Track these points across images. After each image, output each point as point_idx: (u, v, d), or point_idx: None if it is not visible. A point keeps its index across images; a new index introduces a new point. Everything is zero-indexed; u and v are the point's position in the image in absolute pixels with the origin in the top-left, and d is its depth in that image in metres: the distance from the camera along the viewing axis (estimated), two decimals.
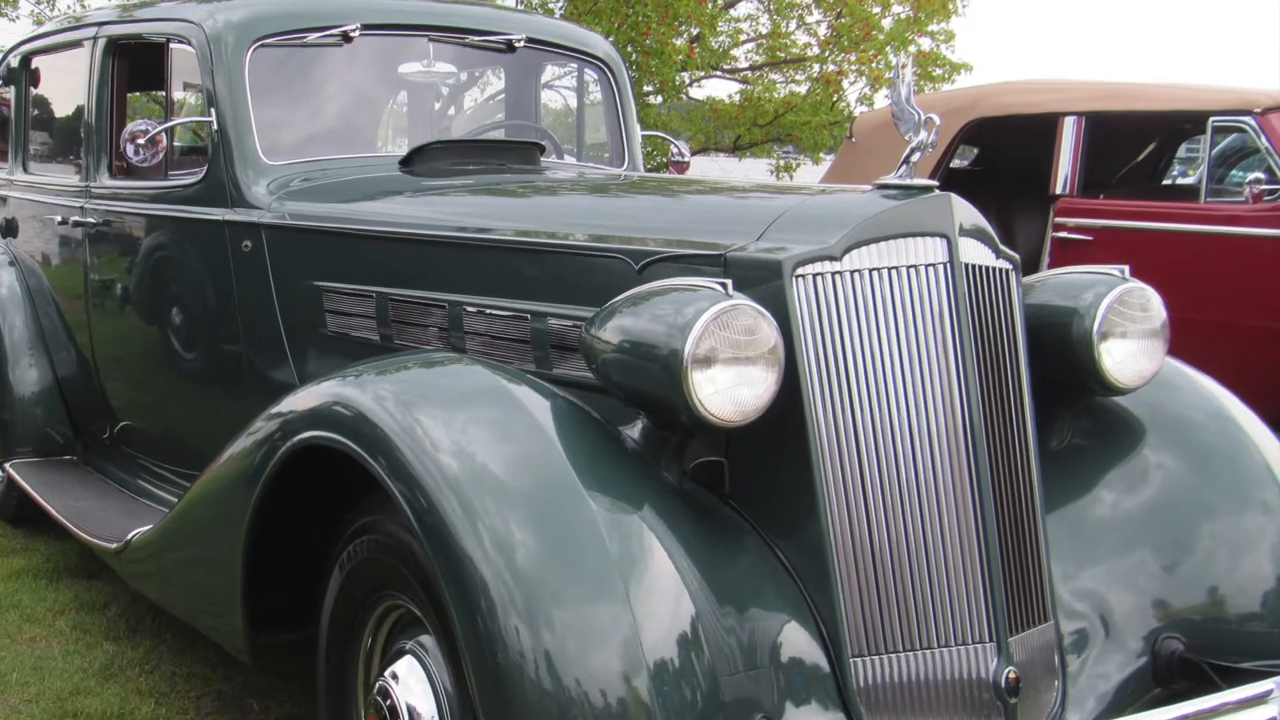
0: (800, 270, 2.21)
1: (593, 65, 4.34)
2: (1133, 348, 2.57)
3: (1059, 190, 6.39)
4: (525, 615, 1.90)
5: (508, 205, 3.25)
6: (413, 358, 2.62)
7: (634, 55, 11.47)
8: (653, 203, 3.18)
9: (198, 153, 4.23)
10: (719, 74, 14.09)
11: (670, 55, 11.54)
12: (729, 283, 2.16)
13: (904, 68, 2.41)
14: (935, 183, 2.33)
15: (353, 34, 3.65)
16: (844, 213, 2.30)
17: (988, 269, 2.35)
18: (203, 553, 2.86)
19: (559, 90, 4.97)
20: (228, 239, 3.53)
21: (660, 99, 12.59)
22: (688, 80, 13.33)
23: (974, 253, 2.32)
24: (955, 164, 7.54)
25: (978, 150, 8.09)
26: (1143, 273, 2.62)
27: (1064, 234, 6.32)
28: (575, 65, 4.43)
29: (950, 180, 6.47)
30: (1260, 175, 5.75)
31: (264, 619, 2.64)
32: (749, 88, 13.71)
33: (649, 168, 5.44)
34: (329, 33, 3.64)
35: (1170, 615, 2.44)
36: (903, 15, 12.85)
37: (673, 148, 4.86)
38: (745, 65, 14.27)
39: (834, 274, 2.23)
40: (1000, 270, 2.38)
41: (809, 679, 2.10)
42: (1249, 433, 2.67)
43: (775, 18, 13.51)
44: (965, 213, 2.33)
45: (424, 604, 2.19)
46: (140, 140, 3.50)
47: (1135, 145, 7.40)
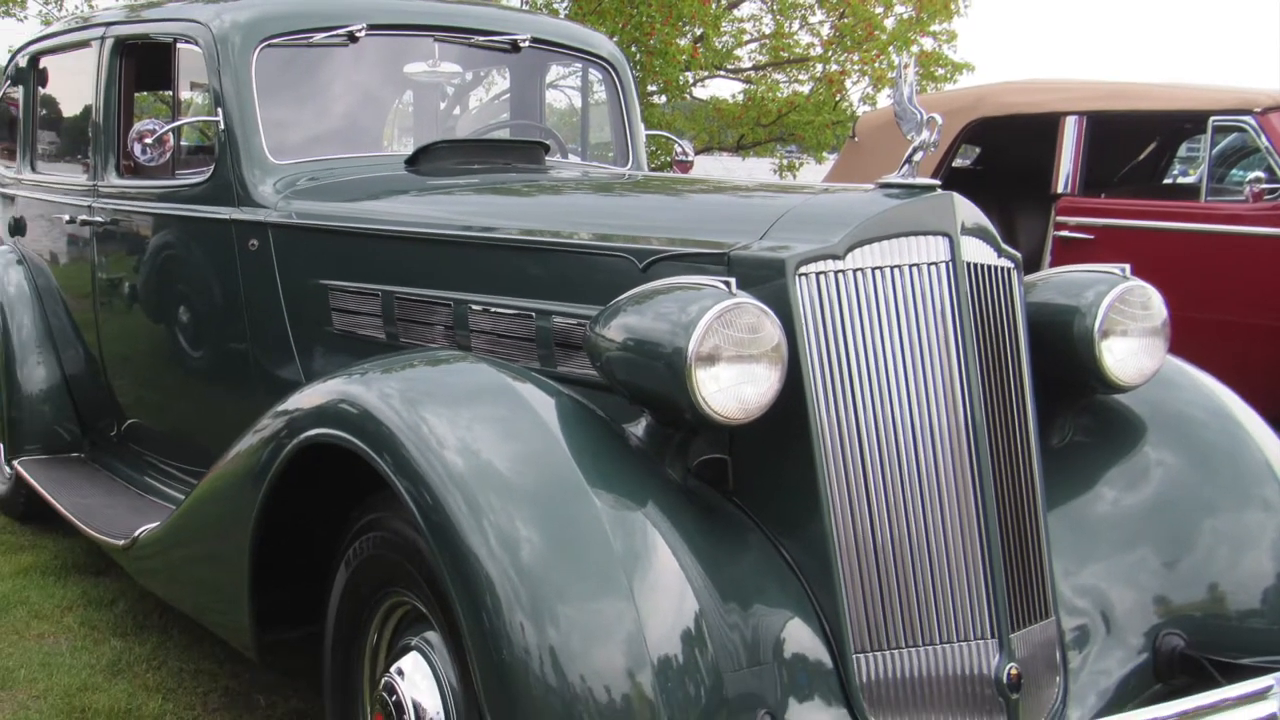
0: (803, 269, 2.22)
1: (597, 65, 4.35)
2: (1133, 346, 2.58)
3: (1060, 189, 6.39)
4: (530, 611, 1.91)
5: (513, 204, 3.25)
6: (418, 356, 2.63)
7: (638, 55, 11.47)
8: (657, 202, 3.19)
9: (205, 152, 4.26)
10: (723, 74, 14.08)
11: (674, 55, 11.54)
12: (732, 281, 2.17)
13: (906, 68, 2.42)
14: (937, 182, 2.33)
15: (359, 34, 3.66)
16: (847, 212, 2.31)
17: (990, 268, 2.35)
18: (210, 549, 2.88)
19: (564, 90, 4.98)
20: (234, 238, 3.55)
21: (664, 99, 12.59)
22: (691, 80, 13.32)
23: (976, 251, 2.33)
24: (957, 163, 7.54)
25: (980, 150, 8.09)
26: (1143, 271, 2.63)
27: (1065, 233, 6.33)
28: (580, 65, 4.43)
29: (952, 179, 6.48)
30: (1260, 174, 5.76)
31: (270, 615, 2.64)
32: (752, 87, 13.70)
33: (653, 167, 5.45)
34: (335, 33, 3.65)
35: (1171, 611, 2.45)
36: (905, 15, 12.84)
37: (677, 147, 4.87)
38: (749, 65, 14.27)
39: (837, 272, 2.23)
40: (1002, 269, 2.39)
41: (812, 675, 2.11)
42: (1249, 430, 2.67)
43: (778, 18, 13.51)
44: (967, 212, 2.34)
45: (429, 600, 2.20)
46: (148, 140, 3.52)
47: (1136, 145, 7.40)
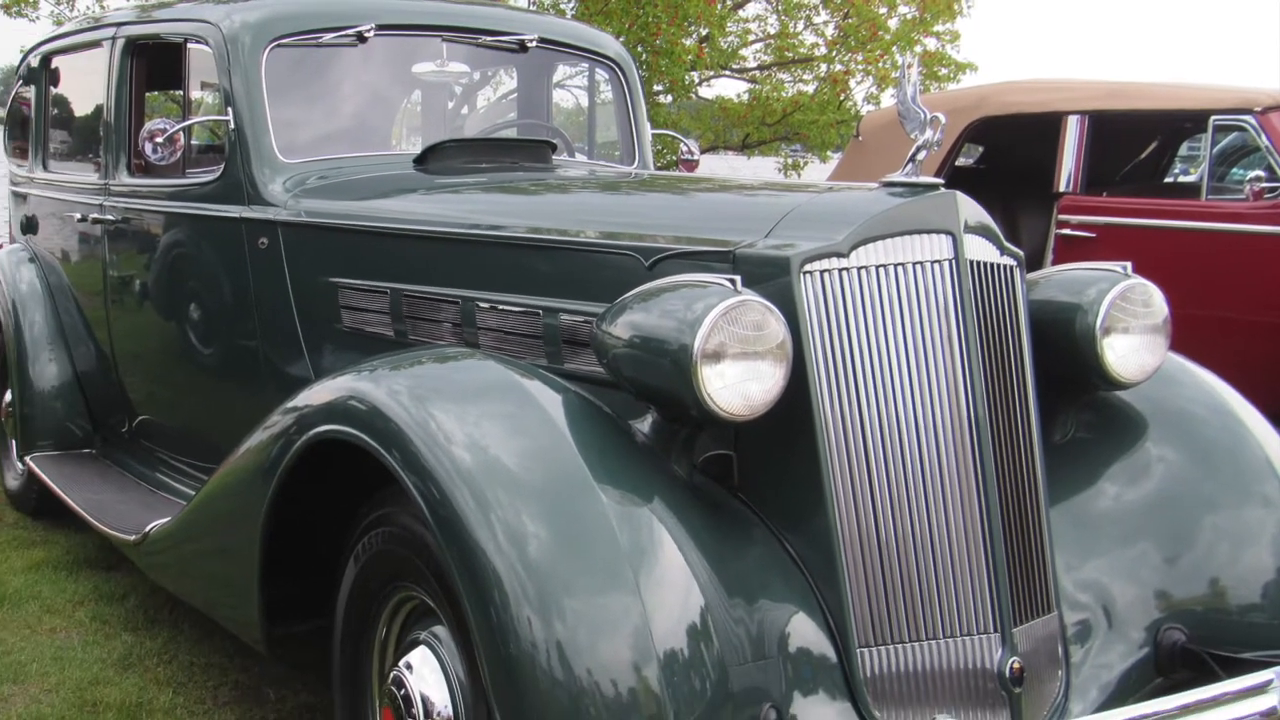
0: (808, 267, 2.23)
1: (604, 65, 4.36)
2: (1135, 343, 2.59)
3: (1062, 188, 6.40)
4: (537, 606, 1.92)
5: (520, 203, 3.27)
6: (426, 353, 2.64)
7: (644, 55, 11.47)
8: (663, 200, 3.20)
9: (215, 151, 4.28)
10: (728, 73, 14.06)
11: (680, 55, 11.53)
12: (738, 279, 2.18)
13: (910, 67, 2.44)
14: (941, 181, 2.35)
15: (367, 34, 3.68)
16: (851, 210, 2.32)
17: (992, 265, 2.37)
18: (220, 545, 2.89)
19: (570, 89, 4.99)
20: (244, 236, 3.57)
21: (670, 98, 12.57)
22: (697, 80, 13.30)
23: (979, 249, 2.34)
24: (960, 162, 7.55)
25: (982, 149, 8.10)
26: (1145, 269, 2.64)
27: (1067, 231, 6.34)
28: (586, 65, 4.45)
29: (955, 178, 6.51)
30: (1260, 173, 5.77)
31: (280, 610, 2.66)
32: (757, 87, 13.67)
33: (659, 166, 5.47)
34: (344, 33, 3.67)
35: (1172, 606, 2.46)
36: (909, 16, 12.81)
37: (682, 146, 4.89)
38: (754, 65, 14.24)
39: (841, 270, 2.25)
40: (1005, 267, 2.40)
41: (816, 669, 2.12)
42: (1250, 427, 2.69)
43: (783, 18, 13.48)
44: (970, 210, 2.35)
45: (437, 595, 2.21)
46: (158, 139, 3.54)
47: (1137, 144, 7.40)
